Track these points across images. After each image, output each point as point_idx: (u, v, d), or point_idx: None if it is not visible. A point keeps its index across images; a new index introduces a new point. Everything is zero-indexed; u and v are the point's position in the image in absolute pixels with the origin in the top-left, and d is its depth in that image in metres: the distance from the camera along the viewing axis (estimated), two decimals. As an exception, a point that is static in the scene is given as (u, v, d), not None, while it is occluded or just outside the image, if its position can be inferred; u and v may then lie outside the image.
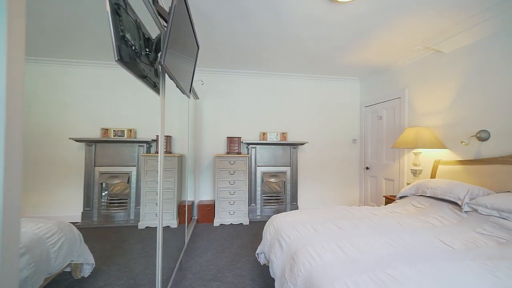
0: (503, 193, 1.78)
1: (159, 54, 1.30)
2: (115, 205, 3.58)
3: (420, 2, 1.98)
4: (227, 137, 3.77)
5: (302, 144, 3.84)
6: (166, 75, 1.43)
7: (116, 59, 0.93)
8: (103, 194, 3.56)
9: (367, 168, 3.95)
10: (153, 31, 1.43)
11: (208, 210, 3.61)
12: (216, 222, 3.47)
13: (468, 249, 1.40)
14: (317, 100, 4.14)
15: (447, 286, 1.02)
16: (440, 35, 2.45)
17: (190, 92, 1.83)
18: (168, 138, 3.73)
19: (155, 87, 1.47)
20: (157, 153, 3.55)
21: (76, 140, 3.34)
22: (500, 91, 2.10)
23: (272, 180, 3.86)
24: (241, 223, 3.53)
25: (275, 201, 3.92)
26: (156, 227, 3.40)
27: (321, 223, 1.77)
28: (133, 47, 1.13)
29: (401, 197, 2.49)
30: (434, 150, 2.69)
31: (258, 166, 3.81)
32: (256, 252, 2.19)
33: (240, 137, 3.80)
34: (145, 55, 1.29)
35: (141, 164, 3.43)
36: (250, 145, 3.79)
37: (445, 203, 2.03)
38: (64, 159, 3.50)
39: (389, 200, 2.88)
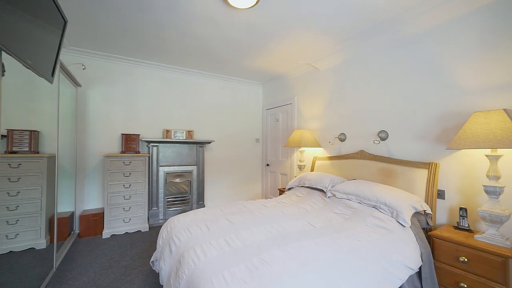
0: (351, 181, 2.38)
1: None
2: None
3: (304, 25, 2.36)
4: (123, 134, 3.28)
5: (209, 142, 3.84)
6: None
7: None
8: None
9: (267, 165, 4.40)
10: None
11: (94, 220, 3.03)
12: (106, 234, 2.97)
13: (326, 226, 1.79)
14: (224, 100, 4.25)
15: (302, 259, 1.25)
16: (317, 55, 3.02)
17: (53, 75, 1.45)
18: (33, 134, 2.86)
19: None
20: (9, 152, 2.67)
21: None
22: (351, 105, 2.80)
23: (177, 180, 3.67)
24: (139, 230, 3.17)
25: (181, 202, 3.74)
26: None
27: (215, 220, 1.82)
28: None
29: (289, 189, 2.92)
30: (313, 148, 3.29)
31: (160, 166, 3.51)
32: (151, 260, 2.02)
33: (139, 135, 3.39)
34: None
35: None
36: (151, 144, 3.44)
37: (317, 191, 2.53)
38: None
39: (282, 191, 3.31)
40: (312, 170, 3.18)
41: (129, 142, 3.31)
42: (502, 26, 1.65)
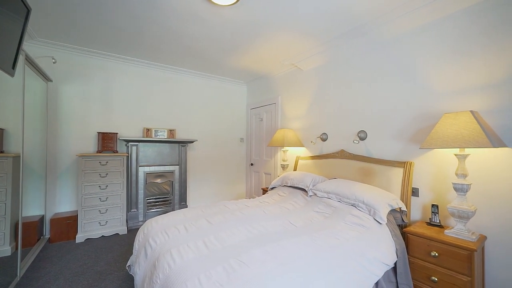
0: (332, 180, 2.42)
1: None
2: None
3: (286, 25, 2.37)
4: (99, 133, 3.12)
5: (192, 142, 3.76)
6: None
7: None
8: None
9: (251, 164, 4.39)
10: None
11: (67, 224, 2.86)
12: (80, 238, 2.81)
13: (306, 225, 1.80)
14: (207, 98, 4.17)
15: (281, 259, 1.25)
16: (300, 55, 3.05)
17: (13, 67, 1.33)
18: (-3, 132, 2.64)
19: None
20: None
21: None
22: (332, 105, 2.85)
23: (158, 180, 3.56)
24: (117, 233, 3.04)
25: (162, 203, 3.63)
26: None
27: (195, 221, 1.77)
28: None
29: (272, 188, 2.92)
30: (296, 148, 3.32)
31: (140, 166, 3.39)
32: (128, 264, 1.93)
33: (117, 133, 3.25)
34: None
35: None
36: (130, 143, 3.31)
37: (299, 190, 2.55)
38: None
39: (265, 191, 3.31)
40: (295, 169, 3.20)
41: (106, 141, 3.16)
42: (471, 32, 1.75)
